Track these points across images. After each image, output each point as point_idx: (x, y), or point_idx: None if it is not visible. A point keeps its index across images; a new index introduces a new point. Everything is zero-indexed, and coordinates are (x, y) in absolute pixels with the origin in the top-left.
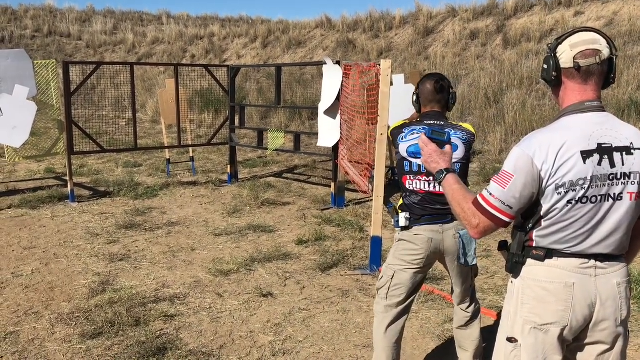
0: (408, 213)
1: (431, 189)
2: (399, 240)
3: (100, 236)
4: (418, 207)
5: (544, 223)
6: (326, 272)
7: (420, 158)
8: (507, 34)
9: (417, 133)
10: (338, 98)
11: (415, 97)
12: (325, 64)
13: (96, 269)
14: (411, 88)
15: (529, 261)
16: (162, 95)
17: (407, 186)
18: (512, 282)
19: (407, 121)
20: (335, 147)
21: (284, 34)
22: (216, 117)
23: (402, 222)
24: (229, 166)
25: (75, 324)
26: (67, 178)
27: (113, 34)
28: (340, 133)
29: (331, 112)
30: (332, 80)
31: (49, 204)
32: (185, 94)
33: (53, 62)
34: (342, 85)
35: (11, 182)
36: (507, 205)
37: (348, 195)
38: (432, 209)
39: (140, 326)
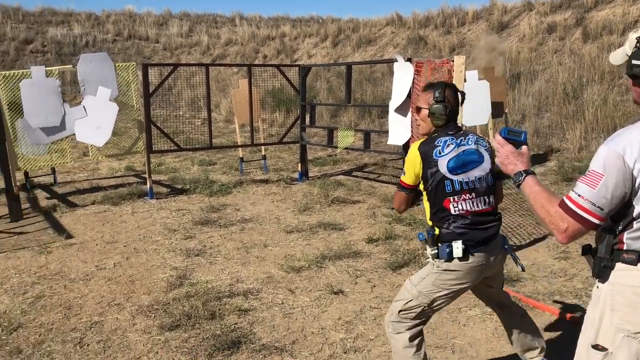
0: (461, 241)
1: (476, 207)
2: (444, 270)
3: (178, 232)
4: (469, 232)
5: (636, 225)
6: (397, 271)
7: (460, 173)
8: (587, 27)
9: (453, 144)
10: (409, 95)
11: (443, 106)
12: (396, 61)
13: (174, 263)
14: (485, 84)
15: (619, 265)
16: (236, 95)
17: (452, 210)
18: (597, 287)
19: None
20: (406, 146)
21: (354, 33)
22: (287, 116)
23: (458, 253)
24: (299, 164)
25: (155, 316)
26: (146, 176)
27: (188, 36)
28: (411, 131)
29: (402, 110)
30: (403, 77)
31: (129, 201)
32: (258, 94)
33: (133, 65)
34: (413, 82)
35: (94, 179)
36: (598, 207)
37: None
38: (482, 230)
39: (215, 319)
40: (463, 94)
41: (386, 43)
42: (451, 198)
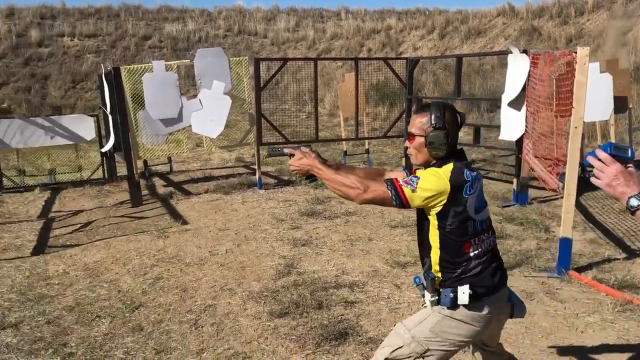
0: (468, 285)
1: (490, 246)
2: (446, 316)
3: (285, 222)
4: (479, 275)
5: None
6: (508, 272)
7: (480, 212)
8: None
9: (476, 180)
10: (524, 89)
11: (444, 135)
12: (511, 53)
13: (281, 252)
14: (608, 77)
15: None
16: (341, 88)
17: (471, 253)
18: None
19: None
20: (519, 141)
21: (462, 24)
22: (390, 110)
23: (464, 299)
24: (403, 159)
25: (264, 303)
26: (256, 167)
27: (295, 31)
28: (525, 126)
29: (516, 103)
30: (517, 70)
31: (240, 190)
32: (363, 87)
33: (245, 59)
34: (529, 75)
35: (207, 169)
36: None
37: (531, 192)
38: (492, 274)
39: (322, 310)
40: (462, 115)
41: (497, 34)
42: (472, 240)
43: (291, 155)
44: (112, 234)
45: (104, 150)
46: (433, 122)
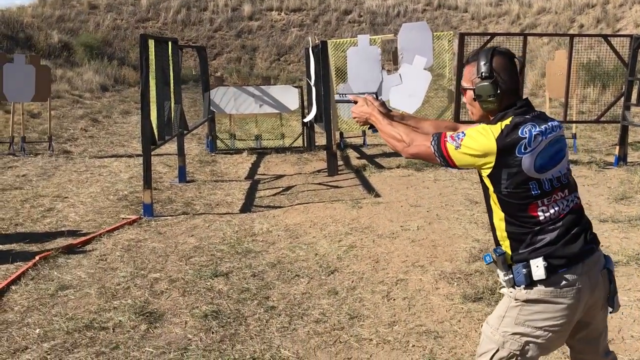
0: (542, 258)
1: (568, 207)
2: (525, 302)
3: (479, 204)
4: (560, 244)
5: None
6: None
7: (550, 169)
8: None
9: (540, 135)
10: None
11: (492, 85)
12: None
13: (475, 235)
14: None
15: None
16: (550, 67)
17: (541, 217)
18: None
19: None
20: None
21: None
22: (602, 92)
23: (539, 274)
24: (617, 147)
25: (457, 285)
26: None
27: (498, 5)
28: None
29: None
30: None
31: (432, 168)
32: (575, 67)
33: (450, 34)
34: None
35: None
36: None
37: None
38: (574, 240)
39: None
40: (521, 60)
41: None
42: (539, 202)
43: (355, 102)
44: (310, 199)
45: (306, 120)
46: (481, 71)
